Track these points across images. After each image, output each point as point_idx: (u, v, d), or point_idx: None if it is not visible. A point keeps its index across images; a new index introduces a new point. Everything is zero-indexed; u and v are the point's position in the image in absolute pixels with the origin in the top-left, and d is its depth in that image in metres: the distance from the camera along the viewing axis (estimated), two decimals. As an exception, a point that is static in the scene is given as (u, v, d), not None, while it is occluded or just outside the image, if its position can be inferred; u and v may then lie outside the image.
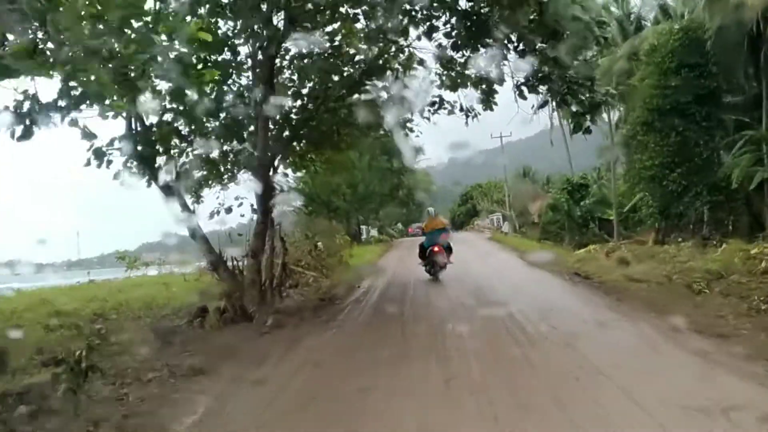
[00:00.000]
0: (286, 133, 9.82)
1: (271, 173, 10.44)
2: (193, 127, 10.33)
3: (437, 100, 10.47)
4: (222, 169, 11.71)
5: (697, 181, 20.90)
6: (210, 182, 11.51)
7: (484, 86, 10.64)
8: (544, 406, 4.16)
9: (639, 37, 26.28)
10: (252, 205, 9.64)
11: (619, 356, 5.43)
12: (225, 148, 11.35)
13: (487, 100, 10.67)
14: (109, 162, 9.27)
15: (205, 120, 10.34)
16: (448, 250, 12.43)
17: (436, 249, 12.23)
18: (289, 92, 9.62)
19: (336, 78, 9.25)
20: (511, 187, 33.23)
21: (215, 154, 11.36)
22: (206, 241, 9.44)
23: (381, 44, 9.23)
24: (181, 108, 10.06)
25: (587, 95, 9.36)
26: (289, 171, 12.95)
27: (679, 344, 5.81)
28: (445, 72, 10.84)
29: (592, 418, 3.84)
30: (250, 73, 10.00)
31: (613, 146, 29.59)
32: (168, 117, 10.02)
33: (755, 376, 4.52)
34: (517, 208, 32.70)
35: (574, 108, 10.38)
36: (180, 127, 10.38)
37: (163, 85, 9.86)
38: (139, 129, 9.48)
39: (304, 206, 20.90)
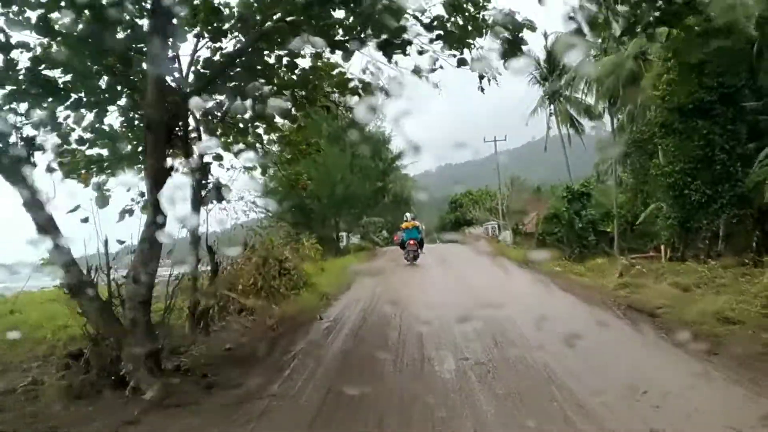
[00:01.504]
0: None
1: (189, 150, 6.56)
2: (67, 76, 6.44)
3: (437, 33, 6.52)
4: (129, 147, 7.80)
5: (722, 191, 17.45)
6: (106, 167, 7.56)
7: (507, 34, 6.89)
8: None
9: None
10: (142, 193, 5.67)
11: None
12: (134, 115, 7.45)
13: (512, 52, 6.91)
14: None
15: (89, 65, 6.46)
16: (420, 243, 16.28)
17: (411, 242, 15.86)
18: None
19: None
20: (504, 194, 29.55)
21: (115, 122, 7.48)
22: (64, 252, 5.47)
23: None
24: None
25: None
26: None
27: None
28: (452, 15, 7.03)
29: None
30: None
31: (614, 151, 26.34)
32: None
33: None
34: (510, 217, 29.03)
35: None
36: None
37: None
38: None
39: (264, 209, 16.97)
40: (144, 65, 6.19)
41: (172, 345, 6.54)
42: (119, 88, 6.92)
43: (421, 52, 7.00)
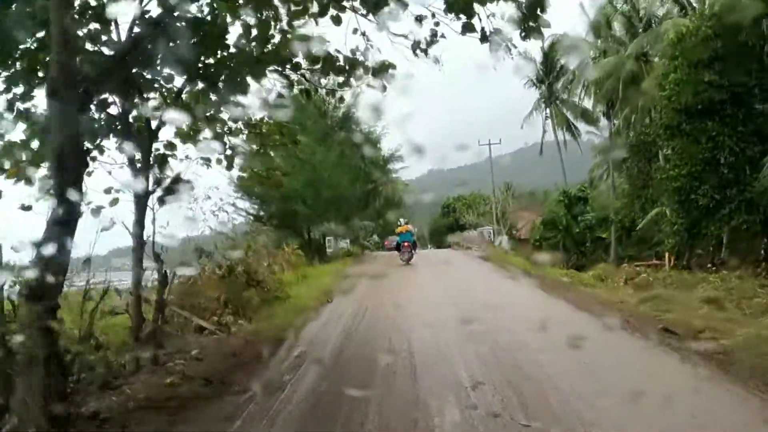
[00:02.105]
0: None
1: (130, 133, 5.11)
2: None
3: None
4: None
5: (730, 195, 16.23)
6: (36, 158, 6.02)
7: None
8: None
9: (651, 33, 21.88)
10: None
11: None
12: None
13: (531, 18, 5.56)
14: None
15: None
16: (414, 245, 17.77)
17: (406, 245, 17.35)
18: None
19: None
20: (499, 199, 28.23)
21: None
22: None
23: None
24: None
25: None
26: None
27: None
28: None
29: None
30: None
31: (611, 155, 25.20)
32: None
33: None
34: (504, 221, 27.72)
35: None
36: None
37: None
38: None
39: (245, 211, 15.46)
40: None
41: (104, 378, 5.09)
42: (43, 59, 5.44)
43: (418, 19, 5.64)
